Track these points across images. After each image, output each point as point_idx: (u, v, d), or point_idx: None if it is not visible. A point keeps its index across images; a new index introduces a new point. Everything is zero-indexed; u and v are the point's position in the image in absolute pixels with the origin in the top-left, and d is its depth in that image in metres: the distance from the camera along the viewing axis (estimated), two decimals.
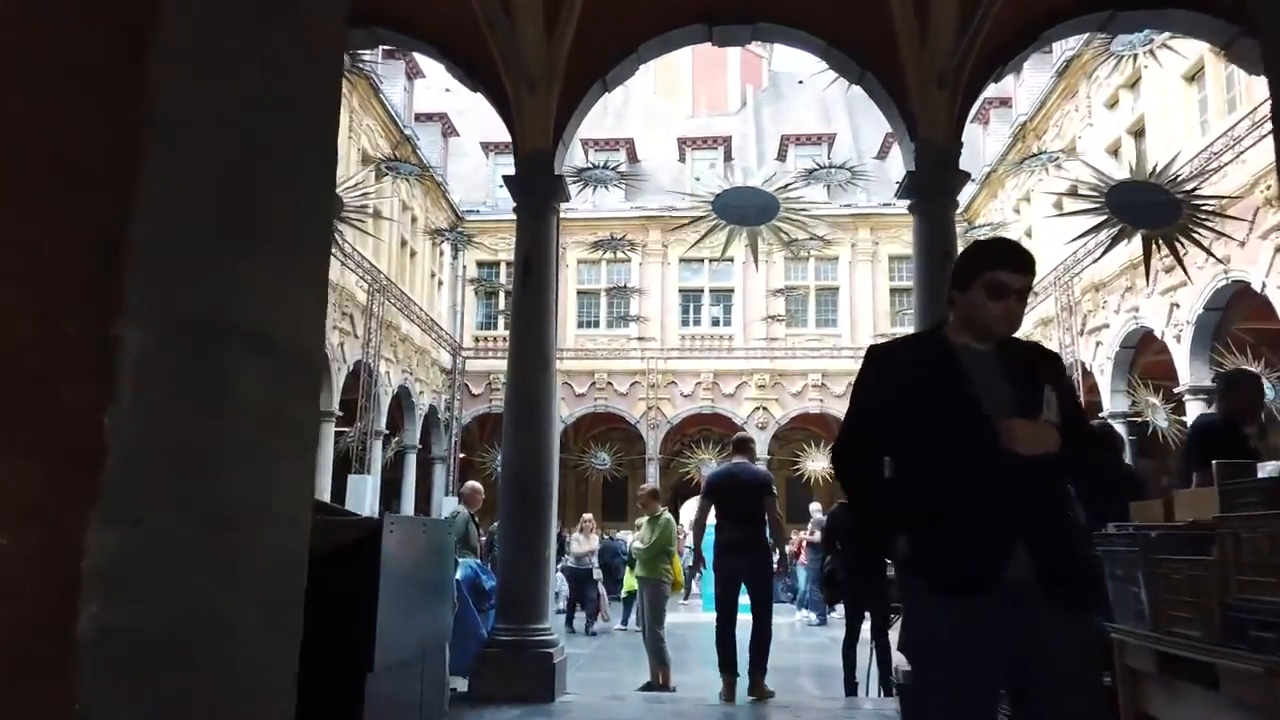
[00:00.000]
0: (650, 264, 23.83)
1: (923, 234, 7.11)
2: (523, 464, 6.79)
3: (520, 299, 7.12)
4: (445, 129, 23.82)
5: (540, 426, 6.88)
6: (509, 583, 6.64)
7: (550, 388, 7.02)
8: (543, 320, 7.05)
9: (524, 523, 6.71)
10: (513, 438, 6.90)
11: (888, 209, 23.66)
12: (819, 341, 23.35)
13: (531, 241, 7.21)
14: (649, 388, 22.97)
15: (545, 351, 7.02)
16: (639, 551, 7.91)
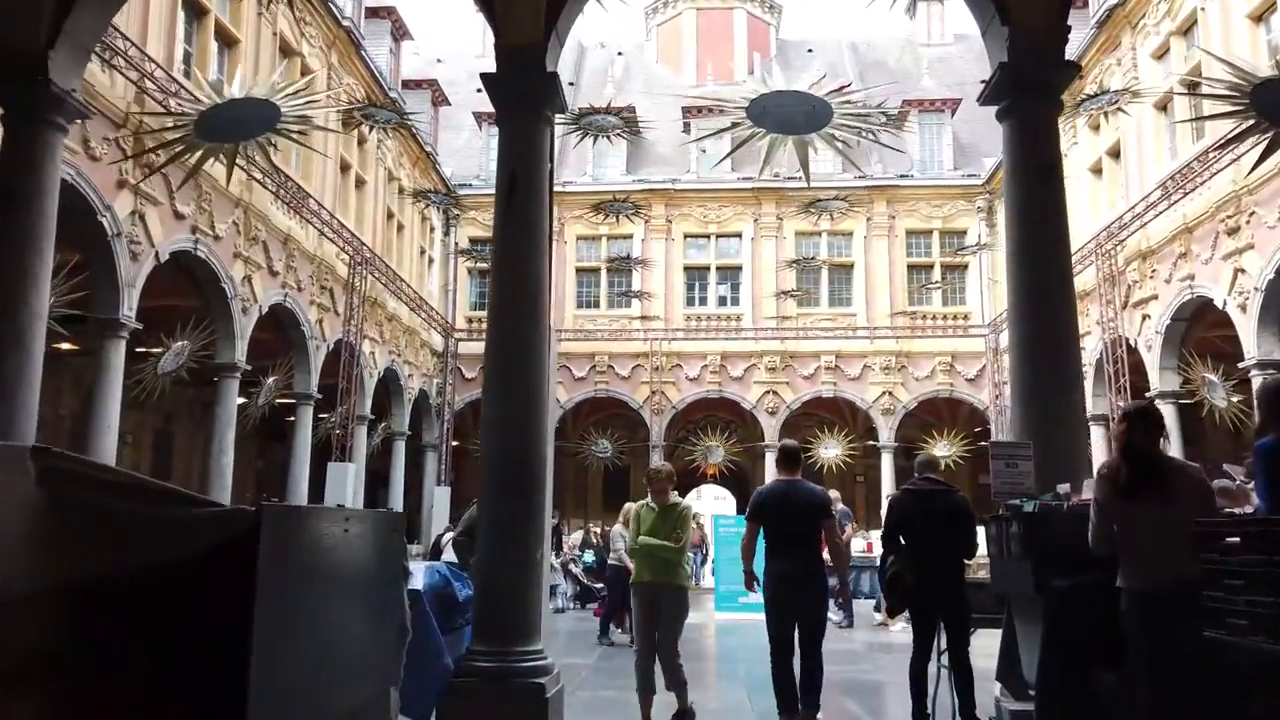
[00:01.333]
0: (654, 239, 22.20)
1: (1017, 144, 5.52)
2: (507, 439, 5.20)
3: (504, 228, 5.51)
4: (435, 97, 22.16)
5: (529, 392, 5.28)
6: (490, 591, 5.05)
7: (541, 344, 5.40)
8: (531, 256, 5.43)
9: (509, 513, 5.12)
10: (496, 406, 5.31)
11: (905, 180, 22.10)
12: (832, 321, 21.75)
13: (518, 155, 5.58)
14: (652, 371, 21.37)
15: (535, 297, 5.41)
16: (652, 548, 5.76)
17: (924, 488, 5.95)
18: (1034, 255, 5.19)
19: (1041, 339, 5.12)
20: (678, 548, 5.76)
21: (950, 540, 5.81)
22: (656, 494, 5.94)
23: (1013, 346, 5.30)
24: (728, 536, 14.02)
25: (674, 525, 5.82)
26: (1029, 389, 5.14)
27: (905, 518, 5.96)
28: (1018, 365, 5.24)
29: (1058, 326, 5.11)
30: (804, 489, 5.84)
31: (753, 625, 13.28)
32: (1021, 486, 4.94)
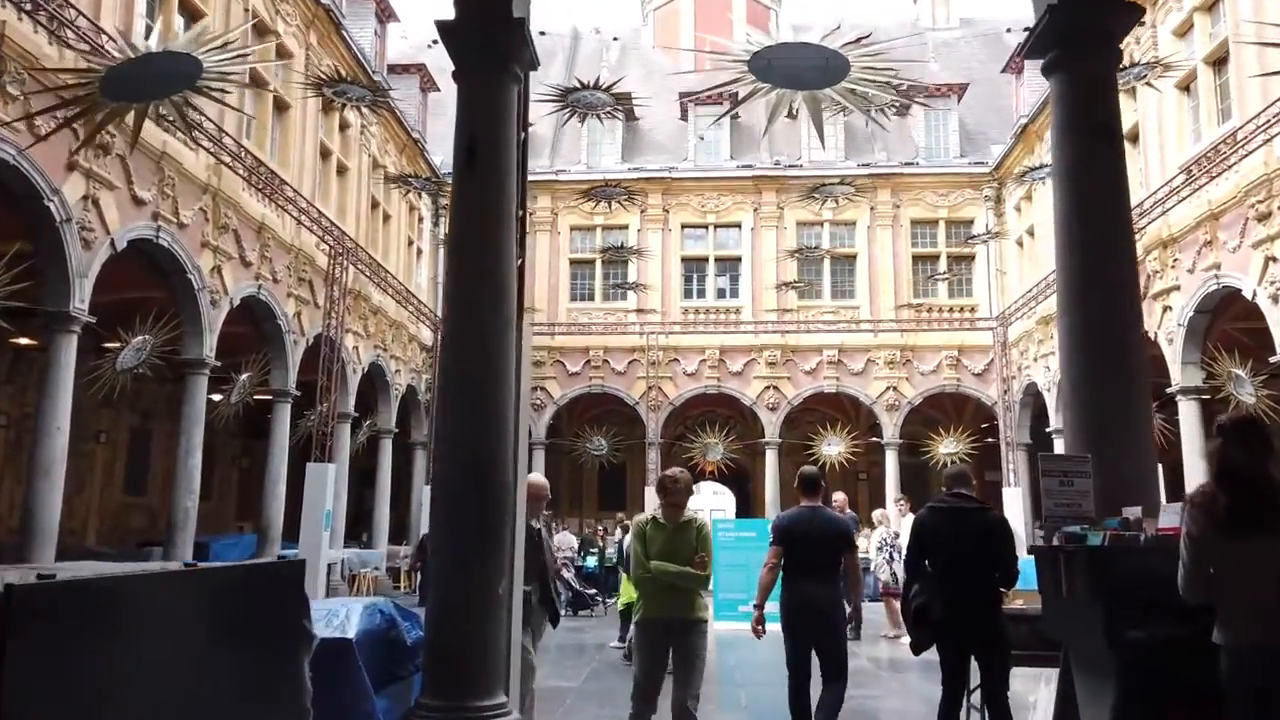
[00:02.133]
0: (650, 230, 21.30)
1: (1067, 103, 4.63)
2: (463, 451, 4.33)
3: (463, 201, 4.64)
4: (424, 82, 21.24)
5: (492, 396, 4.41)
6: (442, 634, 4.19)
7: (506, 339, 4.53)
8: (495, 236, 4.56)
9: (465, 540, 4.26)
10: (450, 413, 4.45)
11: (910, 168, 21.21)
12: (835, 314, 20.86)
13: (480, 117, 4.71)
14: (649, 366, 20.50)
15: (499, 285, 4.55)
16: (671, 576, 4.75)
17: (954, 505, 5.10)
18: (1089, 231, 4.33)
19: (1098, 329, 4.26)
20: (704, 575, 4.83)
21: (985, 566, 4.97)
22: (671, 508, 4.93)
23: (1063, 338, 4.42)
24: (726, 541, 13.17)
25: (695, 546, 4.86)
26: (1084, 390, 4.28)
27: (932, 540, 5.10)
28: (1069, 362, 4.38)
29: (1119, 314, 4.25)
30: (826, 516, 5.59)
31: (753, 637, 12.47)
32: (1079, 509, 4.08)
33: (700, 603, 4.91)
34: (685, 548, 4.82)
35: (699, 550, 4.84)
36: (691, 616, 4.84)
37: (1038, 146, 18.82)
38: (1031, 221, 19.39)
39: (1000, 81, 22.25)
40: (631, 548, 4.99)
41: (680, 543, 4.82)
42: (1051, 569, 3.89)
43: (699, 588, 4.86)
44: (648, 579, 4.80)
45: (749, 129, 22.76)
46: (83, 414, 16.58)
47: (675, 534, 4.85)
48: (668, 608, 4.79)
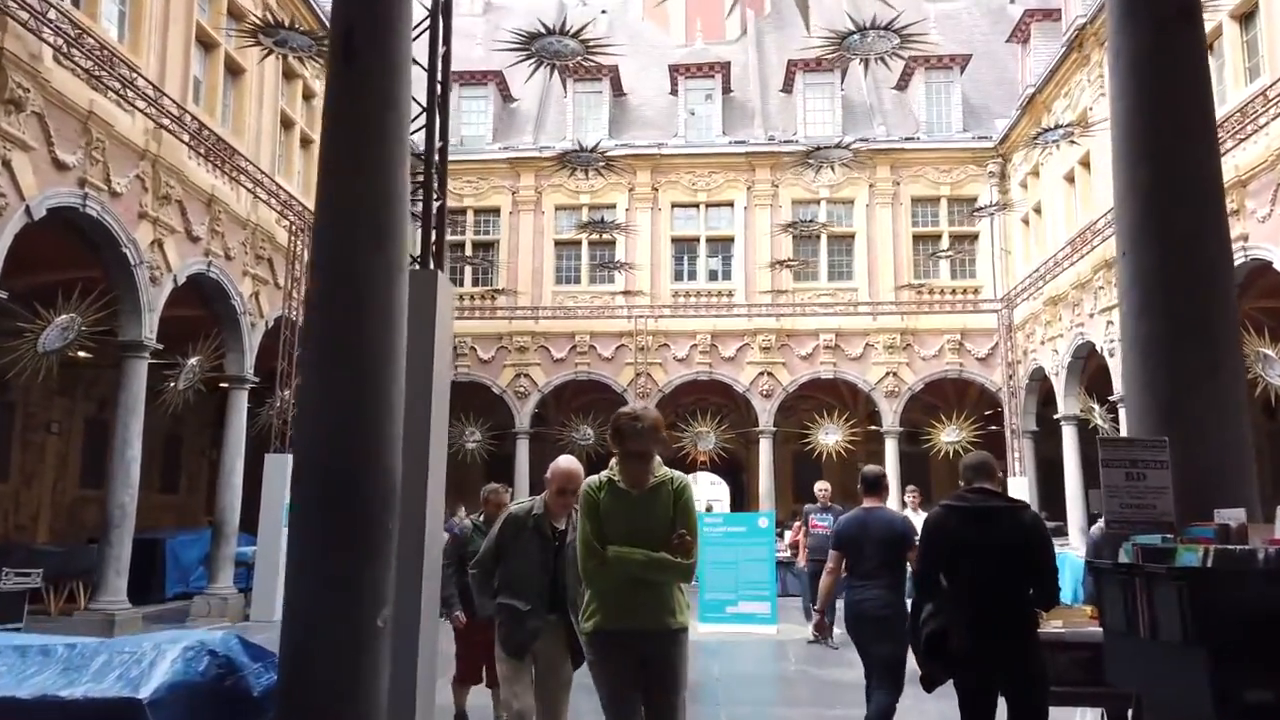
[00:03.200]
0: (639, 208, 20.14)
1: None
2: (329, 437, 3.22)
3: (336, 104, 3.50)
4: None
5: (373, 357, 3.30)
6: (297, 674, 3.09)
7: (394, 291, 3.39)
8: (377, 144, 3.43)
9: (331, 557, 3.16)
10: (316, 378, 3.34)
11: (910, 144, 20.03)
12: (832, 296, 19.71)
13: None
14: (637, 351, 19.37)
15: (384, 207, 3.41)
16: (638, 565, 3.35)
17: (976, 504, 3.99)
18: (1162, 138, 3.21)
19: (1175, 268, 3.15)
20: (686, 564, 3.33)
21: (1017, 581, 3.87)
22: (633, 463, 3.35)
23: (1127, 283, 3.29)
24: (714, 536, 12.06)
25: (672, 519, 3.36)
26: (1154, 351, 3.17)
27: (950, 548, 4.00)
28: (1134, 314, 3.26)
29: (1202, 247, 3.15)
30: (884, 518, 5.34)
31: (740, 642, 11.43)
32: (1153, 512, 2.99)
33: (680, 605, 3.42)
34: (657, 523, 3.32)
35: (680, 526, 3.35)
36: (667, 625, 3.35)
37: (1045, 118, 17.64)
38: (1038, 198, 18.25)
39: (1004, 53, 21.08)
40: (579, 527, 3.44)
41: (650, 516, 3.32)
42: (1123, 596, 2.78)
43: (678, 582, 3.39)
44: (603, 573, 3.29)
45: (742, 104, 21.61)
46: (32, 403, 15.54)
47: (642, 504, 3.33)
48: (633, 614, 3.32)
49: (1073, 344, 16.24)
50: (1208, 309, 3.17)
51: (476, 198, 20.42)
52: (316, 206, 3.38)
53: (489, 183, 20.40)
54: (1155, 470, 3.02)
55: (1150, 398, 3.21)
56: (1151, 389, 3.21)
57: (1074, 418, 16.55)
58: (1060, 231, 16.90)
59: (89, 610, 10.76)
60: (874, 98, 21.26)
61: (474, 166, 20.35)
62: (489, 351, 19.73)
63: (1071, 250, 15.83)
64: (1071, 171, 16.78)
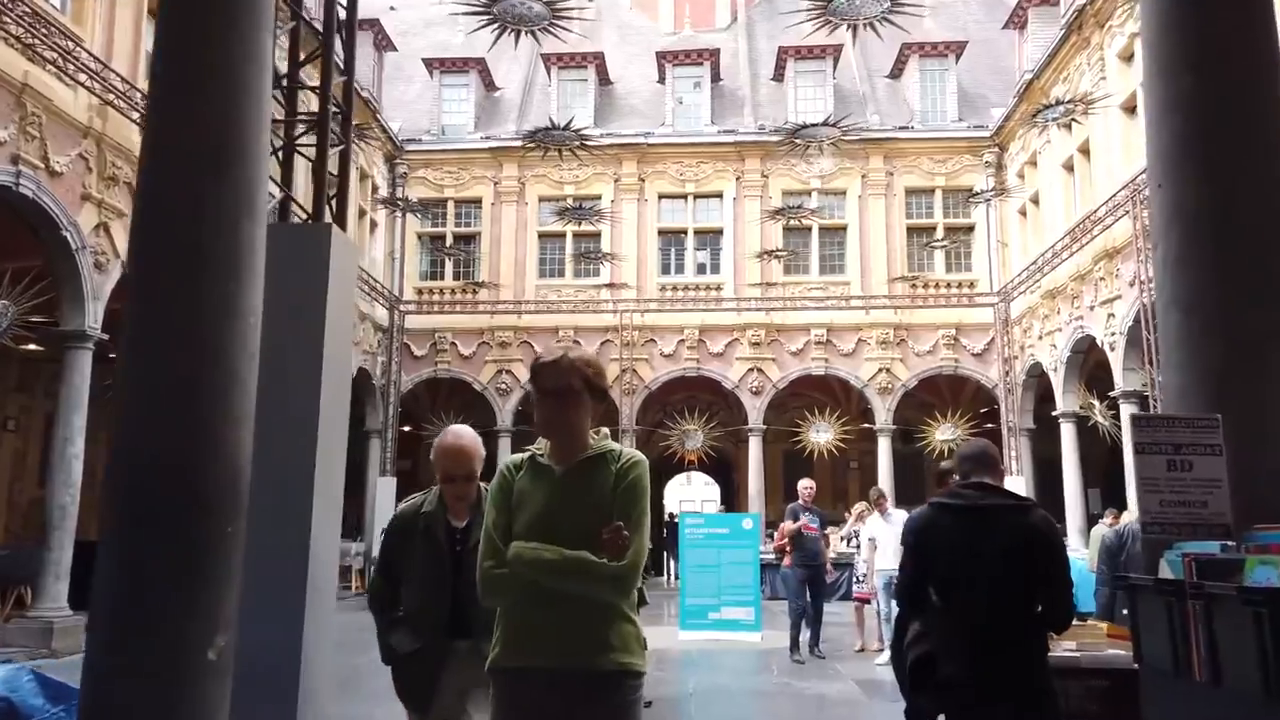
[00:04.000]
0: (625, 199, 19.43)
1: None
2: (147, 427, 2.52)
3: (172, 6, 2.79)
4: (379, 41, 19.33)
5: (210, 324, 2.59)
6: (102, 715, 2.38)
7: (250, 229, 2.70)
8: (221, 60, 2.73)
9: (151, 558, 2.45)
10: (137, 352, 2.63)
11: (904, 134, 19.35)
12: (823, 290, 19.01)
13: None
14: (623, 346, 18.65)
15: (239, 137, 2.72)
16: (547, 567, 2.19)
17: (974, 501, 3.28)
18: (1212, 45, 2.51)
19: (1224, 209, 2.46)
20: (615, 570, 2.18)
21: (1022, 596, 3.17)
22: (549, 409, 2.29)
23: (1164, 229, 2.58)
24: (695, 540, 11.37)
25: (607, 507, 2.24)
26: (1200, 313, 2.48)
27: (941, 556, 3.29)
28: (1173, 269, 2.56)
29: (1260, 182, 2.45)
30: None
31: (721, 651, 10.57)
32: (1202, 511, 2.30)
33: (623, 635, 2.23)
34: (588, 512, 2.21)
35: (619, 516, 2.20)
36: (596, 666, 2.19)
37: (1043, 104, 16.94)
38: (1036, 188, 17.57)
39: (1001, 41, 20.37)
40: (489, 516, 2.35)
41: (578, 502, 2.24)
42: (1168, 622, 2.07)
43: (613, 598, 2.21)
44: (503, 580, 2.20)
45: (731, 92, 20.93)
46: None
47: (569, 485, 2.26)
48: (543, 644, 2.19)
49: (1072, 338, 15.57)
50: (1268, 255, 2.47)
51: (457, 188, 19.72)
52: (145, 134, 2.67)
53: (470, 173, 19.71)
54: (1205, 457, 2.32)
55: (1195, 369, 2.51)
56: (1196, 358, 2.50)
57: (1073, 415, 15.86)
58: (1059, 222, 16.23)
59: (26, 618, 10.03)
60: (867, 86, 20.58)
61: (455, 156, 19.67)
62: (470, 347, 19.02)
63: (1071, 240, 15.16)
64: (1070, 159, 16.11)
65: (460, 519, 3.03)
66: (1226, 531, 2.23)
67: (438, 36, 21.37)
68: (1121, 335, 13.92)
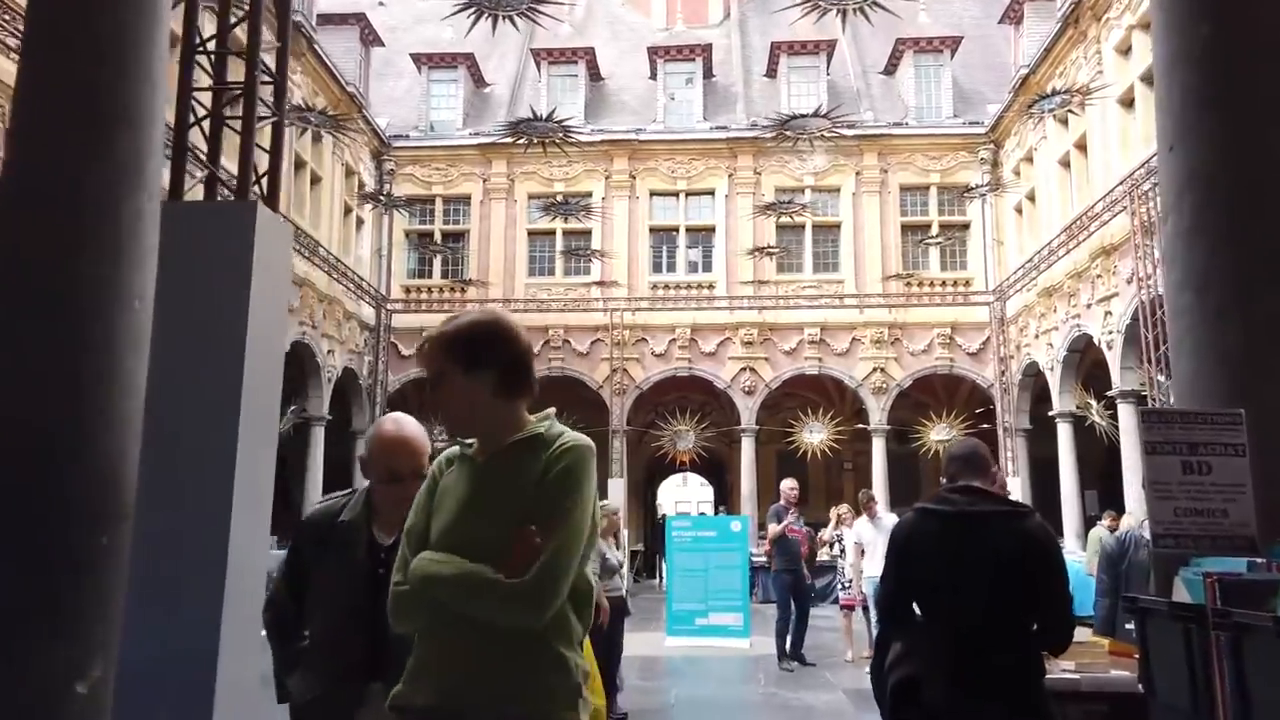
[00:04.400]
0: (616, 197, 19.09)
1: None
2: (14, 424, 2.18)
3: None
4: (366, 36, 19.00)
5: (93, 305, 2.26)
6: None
7: (136, 202, 2.37)
8: None
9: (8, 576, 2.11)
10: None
11: (899, 130, 19.04)
12: (817, 288, 18.68)
13: None
14: (613, 346, 18.31)
15: (126, 98, 2.39)
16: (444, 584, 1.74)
17: (963, 507, 2.95)
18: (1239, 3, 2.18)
19: (1245, 173, 2.13)
20: (517, 588, 1.66)
21: (1015, 612, 2.85)
22: (450, 421, 1.86)
23: (1172, 198, 2.25)
24: (682, 543, 11.04)
25: (525, 506, 1.74)
26: (1217, 292, 2.16)
27: (926, 566, 2.96)
28: (1184, 238, 2.24)
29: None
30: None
31: (707, 658, 9.71)
32: (1223, 522, 1.98)
33: (539, 679, 1.73)
34: (502, 511, 1.76)
35: (541, 519, 1.72)
36: (509, 713, 1.73)
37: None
38: (1032, 185, 17.26)
39: (996, 37, 20.07)
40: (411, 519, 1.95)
41: (493, 500, 1.79)
42: (1185, 653, 1.74)
43: (520, 624, 1.69)
44: (408, 599, 1.79)
45: (723, 88, 20.61)
46: None
47: (486, 478, 1.82)
48: (446, 683, 1.76)
49: (1068, 337, 15.25)
50: None
51: (446, 185, 19.39)
52: (15, 88, 2.33)
53: (459, 170, 19.37)
54: (1226, 458, 1.99)
55: (1209, 357, 2.17)
56: (1212, 345, 2.17)
57: (1070, 415, 15.55)
58: (1055, 219, 15.92)
59: None
60: (861, 82, 20.27)
61: (443, 153, 19.34)
62: None
63: (1067, 237, 14.85)
64: (1067, 155, 15.79)
65: (389, 534, 2.40)
66: (1251, 545, 1.91)
67: (427, 32, 21.03)
68: (1119, 333, 13.61)
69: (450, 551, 1.73)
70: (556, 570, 1.66)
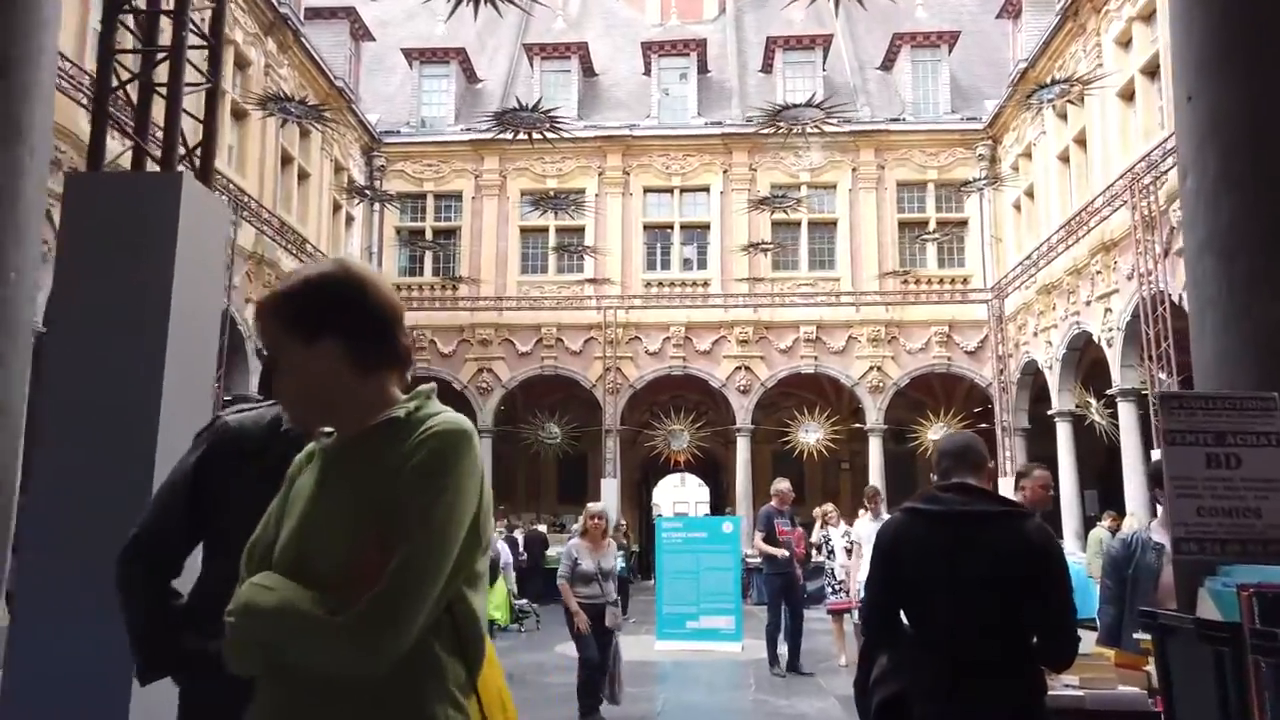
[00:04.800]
0: (609, 194, 18.81)
1: None
2: None
3: None
4: (355, 29, 18.71)
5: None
6: None
7: (21, 177, 2.09)
8: None
9: None
10: None
11: (896, 126, 18.76)
12: (812, 286, 18.40)
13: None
14: (607, 344, 18.02)
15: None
16: (253, 625, 1.28)
17: (955, 507, 2.66)
18: None
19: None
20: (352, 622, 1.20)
21: (1013, 624, 2.56)
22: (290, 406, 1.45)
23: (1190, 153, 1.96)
24: (673, 544, 10.74)
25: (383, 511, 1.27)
26: (1246, 258, 1.87)
27: (914, 573, 2.67)
28: (1208, 199, 1.95)
29: None
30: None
31: (697, 662, 9.25)
32: (1255, 524, 1.69)
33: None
34: (344, 518, 1.30)
35: (398, 526, 1.26)
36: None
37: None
38: (1031, 181, 16.98)
39: (994, 32, 19.79)
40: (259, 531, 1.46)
41: (337, 504, 1.32)
42: (1218, 682, 1.45)
43: (353, 670, 1.22)
44: (234, 633, 1.28)
45: (718, 84, 20.34)
46: None
47: (334, 478, 1.36)
48: None
49: (1067, 335, 14.97)
50: None
51: (437, 182, 19.11)
52: None
53: (450, 166, 19.09)
54: (1258, 450, 1.70)
55: (1238, 333, 1.89)
56: (1239, 318, 1.89)
57: (1069, 414, 15.27)
58: (1054, 215, 15.64)
59: None
60: (857, 78, 19.99)
61: (435, 149, 19.06)
62: (449, 345, 18.37)
63: (1066, 234, 14.57)
64: (1066, 150, 15.52)
65: None
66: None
67: (419, 27, 20.75)
68: (1119, 331, 13.33)
69: (287, 573, 1.29)
70: (399, 596, 1.21)
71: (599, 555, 6.34)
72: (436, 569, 1.24)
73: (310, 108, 12.62)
